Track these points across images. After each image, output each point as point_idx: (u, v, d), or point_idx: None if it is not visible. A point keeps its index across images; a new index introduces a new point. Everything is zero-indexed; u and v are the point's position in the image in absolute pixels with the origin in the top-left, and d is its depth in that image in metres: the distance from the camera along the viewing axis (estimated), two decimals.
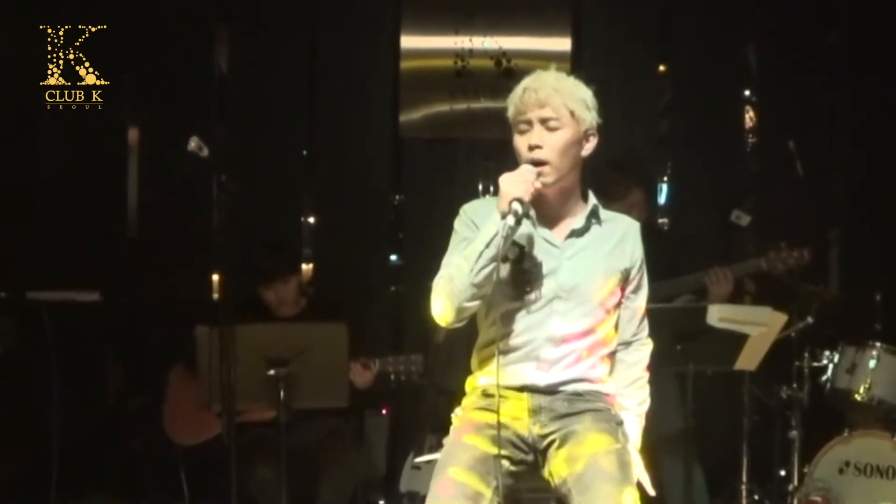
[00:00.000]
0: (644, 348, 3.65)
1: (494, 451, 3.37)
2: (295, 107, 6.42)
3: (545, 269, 3.47)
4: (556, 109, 3.41)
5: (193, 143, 4.03)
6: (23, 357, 5.62)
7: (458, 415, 3.57)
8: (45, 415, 5.32)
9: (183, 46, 6.23)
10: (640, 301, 3.62)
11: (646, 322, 3.65)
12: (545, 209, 3.51)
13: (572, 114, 3.42)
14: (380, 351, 5.21)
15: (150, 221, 6.31)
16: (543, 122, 3.43)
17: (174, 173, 5.98)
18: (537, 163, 3.40)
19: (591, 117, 3.45)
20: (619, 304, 3.56)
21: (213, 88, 6.35)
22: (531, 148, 3.42)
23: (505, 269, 3.42)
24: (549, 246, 3.50)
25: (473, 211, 3.57)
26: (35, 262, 5.96)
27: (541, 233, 3.51)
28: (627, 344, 3.62)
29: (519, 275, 3.45)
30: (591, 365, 3.53)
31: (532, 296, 3.47)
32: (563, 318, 3.47)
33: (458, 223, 3.57)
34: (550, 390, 3.49)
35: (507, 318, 3.48)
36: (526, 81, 3.48)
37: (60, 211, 6.14)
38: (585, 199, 3.56)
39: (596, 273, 3.50)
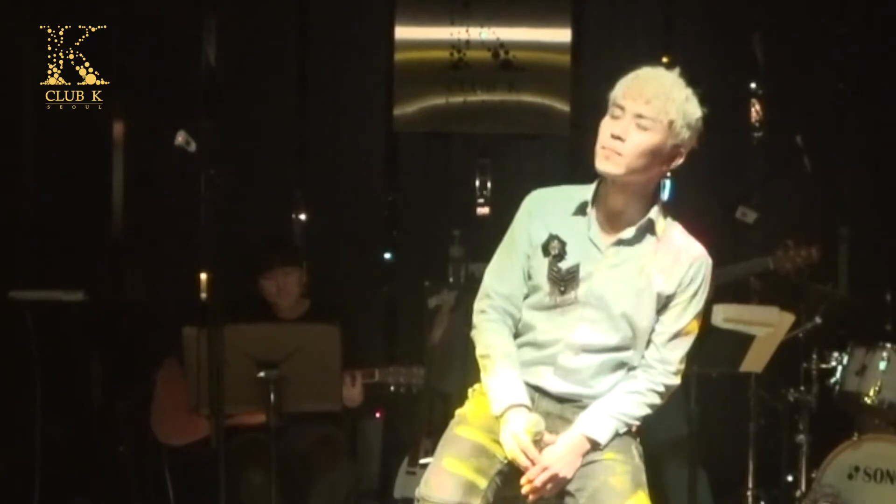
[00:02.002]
0: (662, 378, 3.43)
1: (490, 442, 3.34)
2: (286, 100, 6.31)
3: (582, 273, 3.38)
4: (656, 112, 3.26)
5: (181, 138, 3.96)
6: (5, 357, 5.57)
7: (473, 390, 3.54)
8: (29, 417, 5.29)
9: (169, 37, 6.14)
10: (673, 326, 3.42)
11: (679, 353, 3.44)
12: (605, 209, 3.41)
13: (671, 124, 3.27)
14: (379, 360, 5.15)
15: (136, 218, 6.21)
16: (637, 116, 3.28)
17: (161, 169, 5.90)
18: (610, 152, 3.27)
19: (687, 136, 3.32)
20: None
21: (201, 81, 6.23)
22: (613, 136, 3.29)
23: (544, 264, 3.37)
24: (594, 249, 3.40)
25: (537, 206, 3.48)
26: (17, 259, 5.91)
27: (591, 233, 3.41)
28: (646, 367, 3.43)
29: (555, 272, 3.38)
30: (612, 384, 3.44)
31: (565, 297, 3.37)
32: (590, 327, 3.39)
33: (517, 221, 3.49)
34: (563, 398, 3.43)
35: (537, 314, 3.42)
36: (642, 70, 3.36)
37: (43, 207, 6.06)
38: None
39: (632, 288, 3.38)
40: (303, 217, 6.35)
